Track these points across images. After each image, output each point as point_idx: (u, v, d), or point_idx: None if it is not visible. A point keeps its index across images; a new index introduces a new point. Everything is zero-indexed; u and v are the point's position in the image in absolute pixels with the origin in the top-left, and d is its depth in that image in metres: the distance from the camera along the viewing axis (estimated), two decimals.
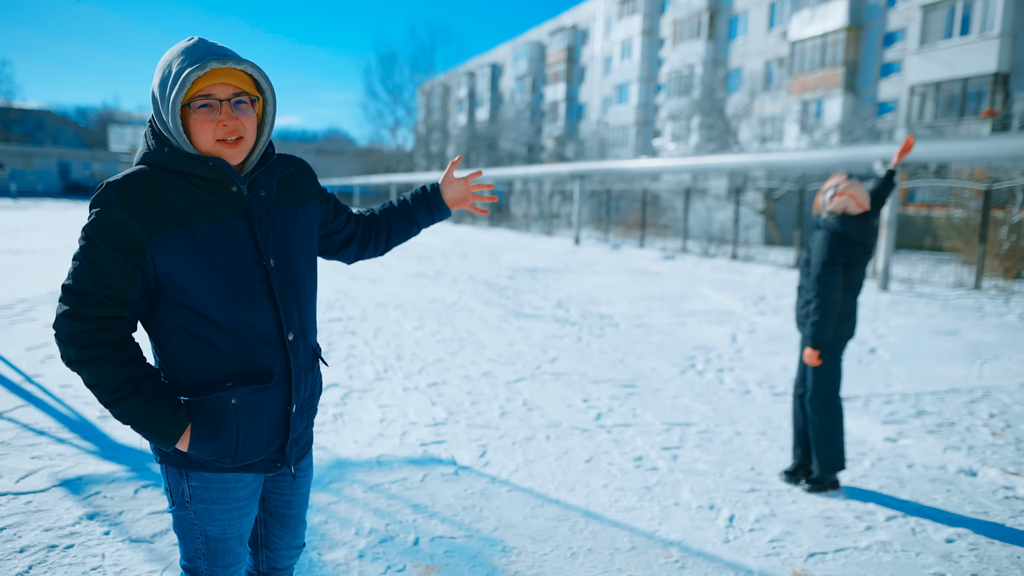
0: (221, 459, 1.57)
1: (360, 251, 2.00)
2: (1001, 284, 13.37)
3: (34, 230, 20.10)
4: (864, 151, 14.79)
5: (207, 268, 1.48)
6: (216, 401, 1.53)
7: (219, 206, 1.52)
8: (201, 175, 1.50)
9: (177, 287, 1.49)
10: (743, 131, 32.54)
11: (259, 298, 1.56)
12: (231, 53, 1.50)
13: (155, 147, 1.50)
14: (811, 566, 2.99)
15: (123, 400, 1.46)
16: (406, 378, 5.84)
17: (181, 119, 1.48)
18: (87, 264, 1.43)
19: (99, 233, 1.43)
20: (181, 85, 1.42)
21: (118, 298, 1.45)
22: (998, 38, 24.44)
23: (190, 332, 1.52)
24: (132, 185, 1.45)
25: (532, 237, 27.77)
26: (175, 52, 1.47)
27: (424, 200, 2.02)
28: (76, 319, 1.43)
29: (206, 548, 1.65)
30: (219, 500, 1.62)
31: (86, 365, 1.44)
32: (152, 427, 1.48)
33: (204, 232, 1.48)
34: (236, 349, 1.54)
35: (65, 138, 74.40)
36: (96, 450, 3.95)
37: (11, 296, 8.79)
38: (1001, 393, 5.87)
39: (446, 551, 3.01)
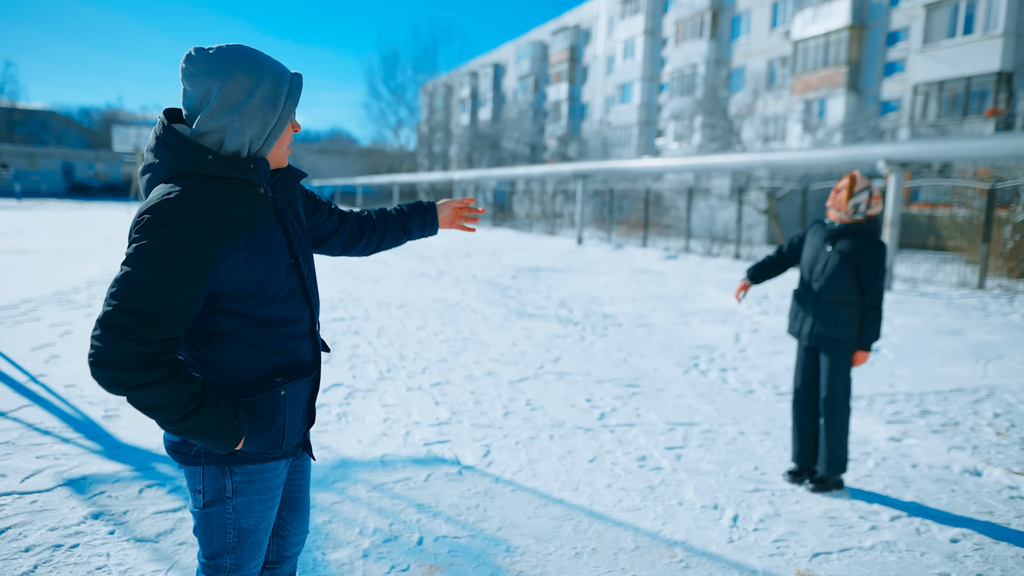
0: (270, 449, 1.64)
1: (346, 247, 2.08)
2: (1005, 283, 13.34)
3: (38, 230, 20.15)
4: (867, 150, 14.75)
5: (264, 271, 1.53)
6: (269, 397, 1.60)
7: (260, 210, 1.55)
8: (243, 178, 1.51)
9: (233, 295, 1.51)
10: (746, 130, 32.51)
11: (296, 294, 1.64)
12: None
13: (193, 155, 1.47)
14: (815, 566, 2.99)
15: (191, 415, 1.44)
16: (409, 378, 5.85)
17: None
18: (154, 284, 1.37)
19: (170, 251, 1.38)
20: (295, 93, 1.55)
21: (183, 317, 1.43)
22: (1001, 37, 24.38)
23: (239, 336, 1.55)
24: (196, 197, 1.43)
25: (535, 237, 27.77)
26: (273, 65, 1.53)
27: (420, 215, 2.15)
28: (142, 343, 1.37)
29: (236, 541, 1.67)
30: (259, 491, 1.67)
31: (152, 388, 1.40)
32: (221, 434, 1.49)
33: (261, 237, 1.53)
34: (280, 345, 1.61)
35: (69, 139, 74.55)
36: (101, 450, 3.96)
37: (16, 296, 8.81)
38: (1005, 393, 5.86)
39: (450, 551, 3.01)
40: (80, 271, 11.57)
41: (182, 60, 1.49)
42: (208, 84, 1.46)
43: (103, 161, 60.71)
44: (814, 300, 3.75)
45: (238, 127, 1.49)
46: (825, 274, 3.72)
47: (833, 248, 3.73)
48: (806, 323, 3.80)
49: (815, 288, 3.75)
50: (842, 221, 3.73)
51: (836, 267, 3.68)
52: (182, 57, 1.49)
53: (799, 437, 3.94)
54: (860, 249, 3.65)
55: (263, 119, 1.51)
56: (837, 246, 3.71)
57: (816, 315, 3.75)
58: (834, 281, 3.68)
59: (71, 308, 8.23)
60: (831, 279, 3.69)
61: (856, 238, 3.68)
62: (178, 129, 1.51)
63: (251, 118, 1.50)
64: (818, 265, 3.76)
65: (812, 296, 3.76)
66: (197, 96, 1.48)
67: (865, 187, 3.68)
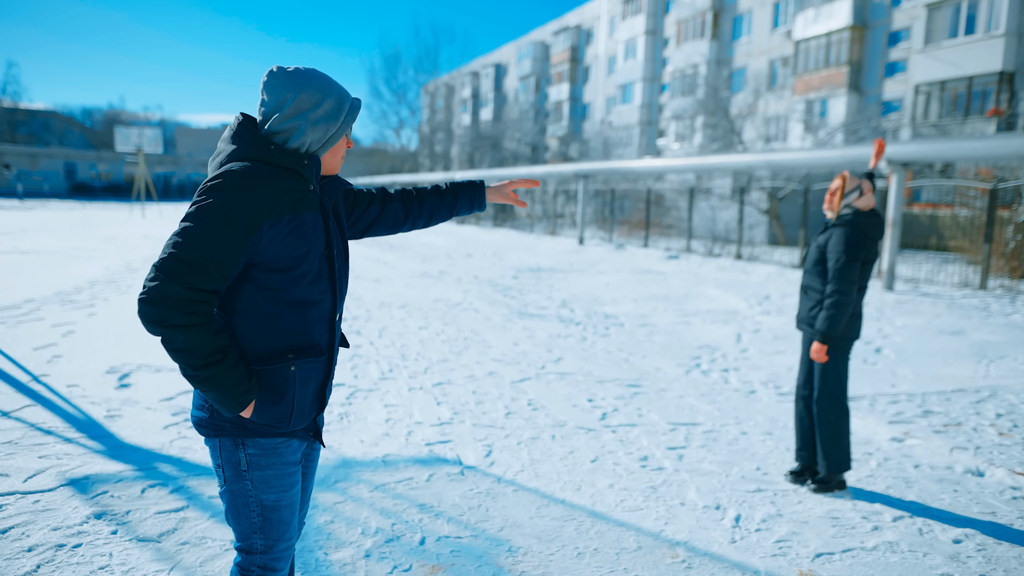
0: (278, 423, 1.76)
1: (391, 229, 2.22)
2: (1007, 283, 13.33)
3: (40, 231, 20.17)
4: (868, 151, 14.75)
5: (300, 250, 1.71)
6: (279, 370, 1.74)
7: (307, 200, 1.76)
8: (297, 170, 1.73)
9: (266, 266, 1.69)
10: (747, 131, 32.49)
11: (324, 281, 1.80)
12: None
13: (259, 144, 1.70)
14: (818, 566, 2.99)
15: (213, 364, 1.61)
16: (411, 378, 5.85)
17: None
18: (205, 237, 1.57)
19: (221, 213, 1.59)
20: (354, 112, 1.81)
21: (225, 273, 1.61)
22: (1003, 37, 24.35)
23: (260, 311, 1.72)
24: (252, 173, 1.65)
25: (536, 237, 27.77)
26: (338, 87, 1.79)
27: (468, 197, 2.27)
28: (187, 288, 1.56)
29: (261, 520, 1.79)
30: (274, 465, 1.78)
31: (184, 330, 1.57)
32: (233, 391, 1.65)
33: (303, 219, 1.73)
34: (296, 326, 1.75)
35: (71, 139, 74.69)
36: (103, 450, 3.96)
37: (18, 296, 8.82)
38: (1008, 393, 5.85)
39: (452, 551, 3.01)
40: (82, 271, 11.58)
41: (264, 75, 1.75)
42: (284, 95, 1.72)
43: (105, 161, 60.79)
44: (804, 293, 3.89)
45: (304, 129, 1.73)
46: (805, 266, 3.88)
47: (815, 241, 3.86)
48: (800, 314, 3.92)
49: (805, 282, 3.89)
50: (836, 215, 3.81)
51: (814, 261, 3.81)
52: (264, 73, 1.77)
53: (800, 435, 3.95)
54: (829, 236, 3.76)
55: (325, 128, 1.75)
56: (819, 239, 3.84)
57: (799, 303, 3.91)
58: (812, 276, 3.81)
59: (73, 308, 8.24)
60: (809, 274, 3.83)
61: (832, 228, 3.77)
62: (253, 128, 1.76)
63: (316, 124, 1.74)
64: (806, 260, 3.91)
65: (804, 289, 3.90)
66: (273, 104, 1.73)
67: (856, 186, 3.74)
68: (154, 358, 6.00)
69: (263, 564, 1.81)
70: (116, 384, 5.27)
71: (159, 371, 5.63)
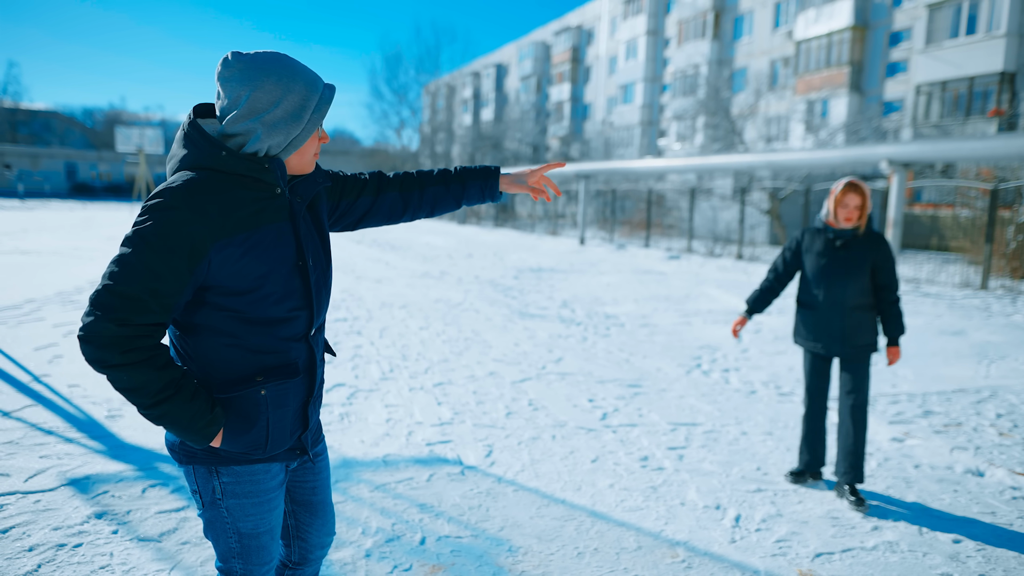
0: (253, 451, 1.61)
1: (387, 221, 2.00)
2: (1008, 284, 13.32)
3: (41, 231, 20.19)
4: (870, 151, 14.75)
5: (259, 270, 1.52)
6: (248, 395, 1.57)
7: (269, 210, 1.56)
8: (256, 176, 1.53)
9: (223, 290, 1.51)
10: (748, 131, 32.48)
11: (296, 297, 1.61)
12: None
13: (209, 150, 1.49)
14: (818, 566, 2.99)
15: (164, 402, 1.46)
16: (412, 378, 5.85)
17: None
18: (141, 269, 1.40)
19: (161, 238, 1.41)
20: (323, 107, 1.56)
21: (166, 305, 1.44)
22: (1004, 37, 24.34)
23: (222, 332, 1.54)
24: (196, 188, 1.45)
25: (537, 237, 27.77)
26: (305, 76, 1.54)
27: (479, 188, 2.01)
28: (121, 324, 1.40)
29: (240, 546, 1.68)
30: (250, 494, 1.65)
31: (126, 369, 1.43)
32: (193, 427, 1.50)
33: (262, 235, 1.53)
34: (266, 345, 1.58)
35: (72, 139, 74.68)
36: (104, 449, 3.97)
37: (19, 296, 8.83)
38: (1008, 393, 5.85)
39: (452, 550, 3.02)
40: (83, 271, 11.59)
41: (219, 63, 1.52)
42: (239, 91, 1.50)
43: (106, 161, 60.81)
44: (843, 311, 3.67)
45: (260, 134, 1.52)
46: (848, 289, 3.65)
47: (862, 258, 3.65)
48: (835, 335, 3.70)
49: (842, 299, 3.67)
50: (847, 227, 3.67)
51: (864, 274, 3.65)
52: (219, 60, 1.53)
53: (809, 439, 3.87)
54: (877, 250, 3.66)
55: (286, 130, 1.54)
56: (861, 255, 3.65)
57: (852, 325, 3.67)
58: (864, 288, 3.67)
59: (74, 308, 8.25)
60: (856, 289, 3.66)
61: (873, 242, 3.66)
62: (204, 126, 1.55)
63: (273, 128, 1.52)
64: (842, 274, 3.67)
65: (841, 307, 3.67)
66: (228, 100, 1.51)
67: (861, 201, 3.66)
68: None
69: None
70: None
71: None
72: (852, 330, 3.67)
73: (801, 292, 3.84)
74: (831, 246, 3.71)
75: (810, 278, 3.77)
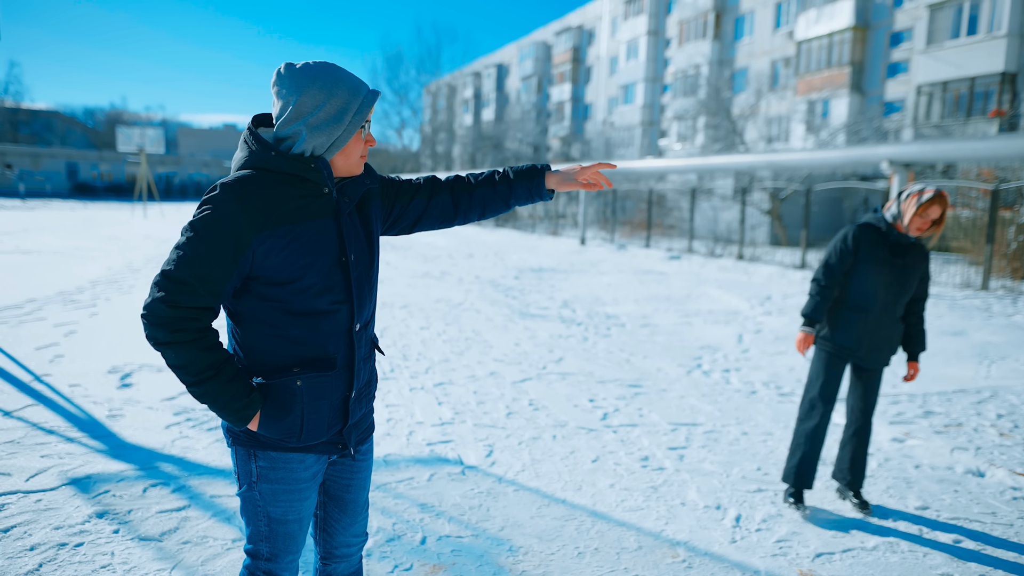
0: (287, 438, 1.71)
1: (440, 224, 2.06)
2: (1009, 284, 13.31)
3: (42, 231, 20.21)
4: (871, 151, 14.75)
5: (300, 262, 1.63)
6: (284, 384, 1.67)
7: (314, 206, 1.67)
8: (303, 175, 1.64)
9: (266, 280, 1.62)
10: (749, 131, 32.48)
11: (337, 291, 1.70)
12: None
13: (260, 151, 1.64)
14: (818, 566, 2.99)
15: (205, 382, 1.59)
16: (412, 378, 5.85)
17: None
18: (192, 256, 1.54)
19: (209, 228, 1.55)
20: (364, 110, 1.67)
21: (213, 290, 1.57)
22: (1005, 37, 24.33)
23: (266, 322, 1.66)
24: (245, 184, 1.60)
25: (538, 237, 27.77)
26: (348, 82, 1.65)
27: (526, 186, 2.03)
28: (172, 306, 1.54)
29: (268, 530, 1.77)
30: (283, 480, 1.74)
31: (172, 347, 1.56)
32: (229, 407, 1.62)
33: (304, 230, 1.64)
34: (306, 337, 1.68)
35: (73, 139, 74.77)
36: (105, 449, 3.97)
37: (20, 296, 8.84)
38: (1009, 394, 5.85)
39: (453, 550, 3.02)
40: (84, 271, 11.60)
41: (273, 75, 1.67)
42: (287, 97, 1.63)
43: (107, 161, 60.84)
44: (892, 320, 3.51)
45: (305, 135, 1.64)
46: (900, 297, 3.49)
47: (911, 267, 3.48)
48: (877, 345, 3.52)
49: (894, 308, 3.50)
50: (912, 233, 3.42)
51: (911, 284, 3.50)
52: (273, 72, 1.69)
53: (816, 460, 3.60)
54: (925, 260, 3.53)
55: (328, 131, 1.65)
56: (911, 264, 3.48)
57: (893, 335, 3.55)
58: (904, 298, 3.52)
59: (75, 308, 8.25)
60: (901, 299, 3.51)
61: (921, 251, 3.52)
62: (260, 132, 1.69)
63: (317, 129, 1.64)
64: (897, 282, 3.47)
65: (891, 316, 3.51)
66: (280, 107, 1.66)
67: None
68: (156, 358, 6.01)
69: (267, 571, 1.80)
70: (118, 384, 5.28)
71: (161, 371, 5.64)
72: (896, 341, 3.56)
73: (852, 295, 3.51)
74: (893, 251, 3.46)
75: (866, 282, 3.46)
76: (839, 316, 3.54)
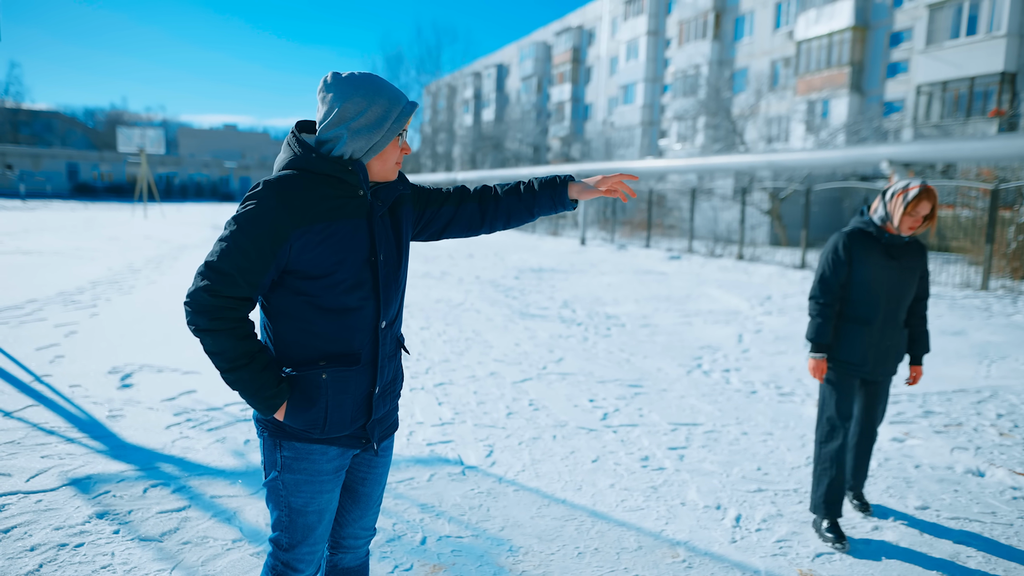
0: (311, 429, 1.78)
1: (467, 232, 2.13)
2: (1008, 284, 13.31)
3: (43, 231, 20.21)
4: (870, 151, 14.75)
5: (333, 259, 1.71)
6: (310, 376, 1.76)
7: (350, 207, 1.75)
8: (340, 177, 1.73)
9: (301, 274, 1.71)
10: (749, 131, 32.48)
11: (365, 288, 1.78)
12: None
13: (302, 153, 1.73)
14: (818, 566, 2.99)
15: (238, 369, 1.68)
16: (412, 378, 5.86)
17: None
18: (233, 248, 1.63)
19: (251, 222, 1.64)
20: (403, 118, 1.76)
21: (252, 282, 1.66)
22: (1005, 37, 24.34)
23: (296, 316, 1.74)
24: (286, 183, 1.69)
25: (538, 237, 27.77)
26: (389, 92, 1.75)
27: (550, 196, 2.09)
28: (213, 295, 1.63)
29: (288, 520, 1.83)
30: (305, 471, 1.81)
31: (211, 335, 1.66)
32: (259, 395, 1.70)
33: (338, 227, 1.72)
34: (333, 332, 1.76)
35: (73, 139, 74.79)
36: (105, 450, 3.97)
37: (20, 296, 8.84)
38: (1009, 393, 5.85)
39: (453, 550, 3.02)
40: (84, 271, 11.60)
41: (320, 82, 1.77)
42: (332, 103, 1.73)
43: (107, 162, 60.86)
44: (895, 328, 3.34)
45: (345, 139, 1.73)
46: (904, 299, 3.32)
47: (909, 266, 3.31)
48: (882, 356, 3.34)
49: (897, 314, 3.33)
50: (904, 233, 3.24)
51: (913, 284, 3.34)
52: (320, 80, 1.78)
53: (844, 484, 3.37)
54: (924, 258, 3.38)
55: (368, 136, 1.74)
56: (911, 263, 3.32)
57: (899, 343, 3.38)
58: (909, 299, 3.36)
59: (75, 308, 8.26)
60: (905, 301, 3.33)
61: (920, 248, 3.37)
62: (302, 136, 1.78)
63: (357, 133, 1.73)
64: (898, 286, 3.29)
65: (894, 324, 3.33)
66: (324, 112, 1.75)
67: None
68: (156, 358, 6.02)
69: (286, 561, 1.85)
70: (118, 384, 5.29)
71: (161, 371, 5.65)
72: (901, 348, 3.38)
73: (853, 307, 3.31)
74: (887, 255, 3.27)
75: (866, 291, 3.27)
76: (841, 331, 3.34)
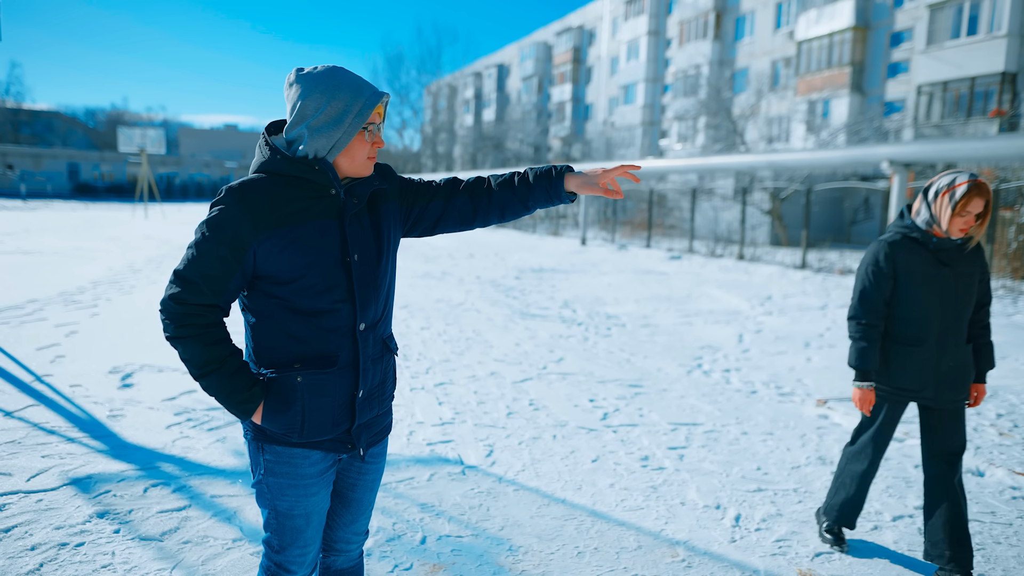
0: (289, 433, 1.75)
1: (459, 226, 2.03)
2: (1009, 284, 13.31)
3: (43, 231, 20.22)
4: (871, 151, 14.74)
5: (301, 261, 1.67)
6: (285, 379, 1.72)
7: (318, 207, 1.71)
8: (308, 178, 1.69)
9: (270, 278, 1.68)
10: (750, 131, 32.47)
11: (340, 291, 1.73)
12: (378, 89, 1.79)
13: (269, 156, 1.70)
14: (817, 566, 2.99)
15: (208, 375, 1.66)
16: (413, 378, 5.86)
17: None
18: (197, 256, 1.63)
19: (212, 229, 1.62)
20: (365, 112, 1.68)
21: (216, 288, 1.64)
22: (1005, 37, 24.32)
23: (271, 318, 1.72)
24: (249, 188, 1.66)
25: (538, 237, 27.77)
26: (351, 85, 1.67)
27: (544, 189, 1.96)
28: (178, 302, 1.63)
29: (276, 523, 1.82)
30: (287, 475, 1.79)
31: (180, 342, 1.65)
32: (231, 399, 1.68)
33: (304, 230, 1.68)
34: (306, 334, 1.72)
35: (74, 139, 74.81)
36: (106, 449, 3.98)
37: (21, 296, 8.85)
38: (1009, 393, 5.85)
39: (453, 550, 3.03)
40: (85, 271, 11.61)
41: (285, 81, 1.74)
42: (294, 101, 1.69)
43: (108, 162, 60.85)
44: (958, 344, 2.89)
45: (307, 138, 1.68)
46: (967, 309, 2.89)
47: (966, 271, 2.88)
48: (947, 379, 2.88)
49: (958, 329, 2.89)
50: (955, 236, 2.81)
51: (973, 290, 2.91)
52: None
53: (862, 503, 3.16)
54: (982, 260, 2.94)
55: (328, 133, 1.68)
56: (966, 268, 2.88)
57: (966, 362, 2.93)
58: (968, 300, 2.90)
59: (76, 308, 8.26)
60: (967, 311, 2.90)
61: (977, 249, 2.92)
62: (272, 138, 1.75)
63: (317, 132, 1.68)
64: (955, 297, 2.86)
65: (956, 340, 2.89)
66: (288, 110, 1.72)
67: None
68: (157, 358, 6.02)
69: (278, 563, 1.85)
70: (119, 384, 5.29)
71: (162, 371, 5.65)
72: (969, 367, 2.93)
73: (901, 326, 2.91)
74: (937, 263, 2.85)
75: (915, 307, 2.88)
76: (890, 353, 2.94)
